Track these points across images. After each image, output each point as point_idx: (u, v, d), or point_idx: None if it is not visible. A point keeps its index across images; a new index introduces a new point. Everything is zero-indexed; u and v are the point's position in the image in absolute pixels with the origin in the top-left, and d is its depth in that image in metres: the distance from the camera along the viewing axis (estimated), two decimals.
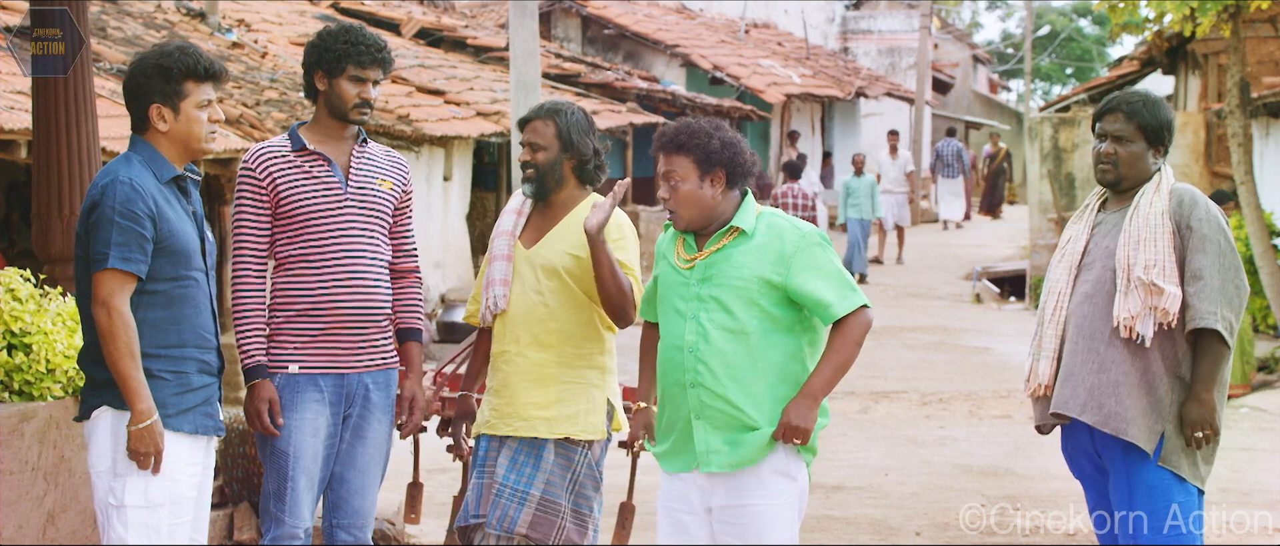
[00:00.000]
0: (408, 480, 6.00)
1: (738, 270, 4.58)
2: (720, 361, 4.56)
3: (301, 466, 4.89)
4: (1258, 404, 11.81)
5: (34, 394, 5.41)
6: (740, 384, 4.56)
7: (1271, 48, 17.41)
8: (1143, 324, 4.87)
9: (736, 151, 4.67)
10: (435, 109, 15.69)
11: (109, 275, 4.30)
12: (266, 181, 4.96)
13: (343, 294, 4.94)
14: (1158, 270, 4.85)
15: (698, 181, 4.62)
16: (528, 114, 5.29)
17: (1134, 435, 4.87)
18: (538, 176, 5.16)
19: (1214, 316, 4.81)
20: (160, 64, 4.44)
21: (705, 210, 4.65)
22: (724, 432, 4.59)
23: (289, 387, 4.91)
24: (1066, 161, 19.48)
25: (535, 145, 5.16)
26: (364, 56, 4.96)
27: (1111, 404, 4.90)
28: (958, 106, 41.84)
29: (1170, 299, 4.84)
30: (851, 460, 9.76)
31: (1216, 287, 4.83)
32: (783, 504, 4.61)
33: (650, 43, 27.05)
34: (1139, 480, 4.90)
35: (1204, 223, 4.89)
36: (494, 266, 5.18)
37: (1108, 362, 4.92)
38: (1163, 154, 5.06)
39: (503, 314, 5.15)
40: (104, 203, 4.32)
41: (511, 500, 5.05)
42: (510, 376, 5.12)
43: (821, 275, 4.56)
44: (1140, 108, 5.01)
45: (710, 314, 4.58)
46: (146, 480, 4.35)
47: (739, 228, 4.63)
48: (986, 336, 16.67)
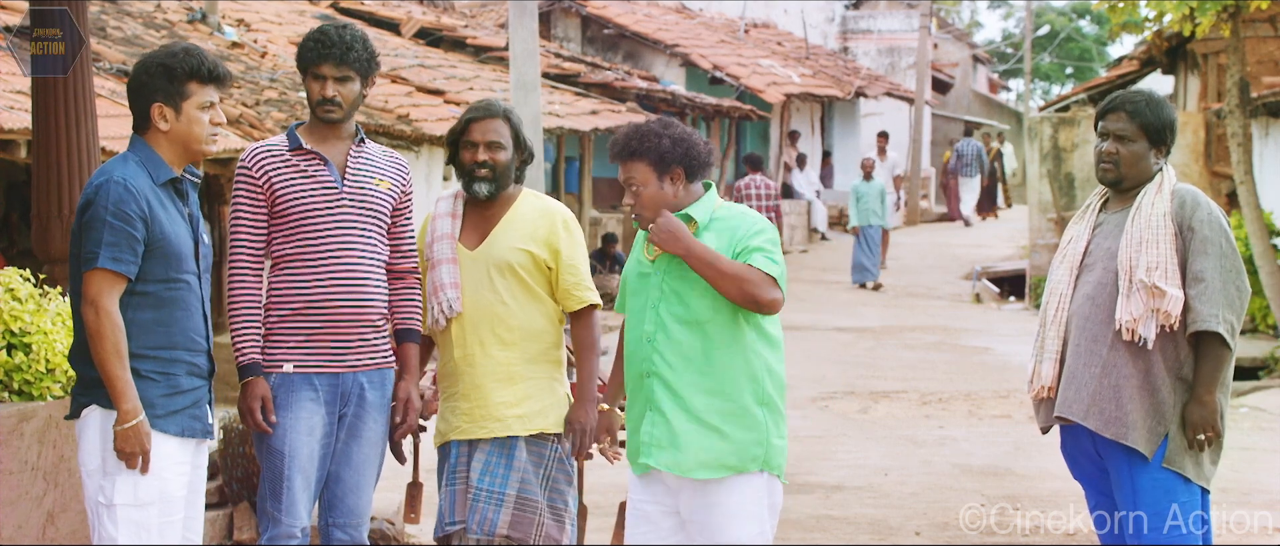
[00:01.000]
0: (407, 479, 6.00)
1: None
2: (675, 351, 4.60)
3: (297, 465, 4.88)
4: (1258, 404, 11.81)
5: (33, 394, 5.42)
6: (691, 374, 4.58)
7: (1271, 47, 17.40)
8: (1145, 326, 4.87)
9: (689, 146, 4.72)
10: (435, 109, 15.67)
11: (98, 275, 4.31)
12: (262, 180, 4.96)
13: (338, 293, 4.94)
14: (1160, 272, 4.85)
15: (657, 182, 4.69)
16: (478, 112, 5.25)
17: (1135, 440, 4.87)
18: (495, 177, 5.17)
19: (1216, 319, 4.81)
20: (165, 63, 4.46)
21: (668, 208, 4.70)
22: (671, 427, 4.59)
23: (284, 387, 4.91)
24: (1066, 161, 19.48)
25: (496, 144, 5.17)
26: (313, 54, 4.96)
27: (1113, 408, 4.90)
28: (957, 106, 41.82)
29: (1172, 301, 4.83)
30: (851, 460, 9.76)
31: (1218, 290, 4.83)
32: (750, 499, 4.59)
33: (650, 42, 27.04)
34: (1143, 481, 4.90)
35: (1206, 225, 4.89)
36: (441, 270, 5.15)
37: (1110, 365, 4.92)
38: (1165, 154, 5.06)
39: (459, 317, 5.15)
40: (97, 202, 4.33)
41: (489, 503, 5.07)
42: (478, 378, 5.12)
43: (771, 260, 4.61)
44: (1143, 106, 5.01)
45: (668, 305, 4.63)
46: (135, 478, 4.35)
47: (694, 220, 4.68)
48: (986, 336, 16.67)
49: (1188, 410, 4.85)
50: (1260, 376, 13.50)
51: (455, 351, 5.16)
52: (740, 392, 4.60)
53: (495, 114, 5.23)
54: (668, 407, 4.59)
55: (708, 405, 4.58)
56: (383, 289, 5.05)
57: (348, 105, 5.01)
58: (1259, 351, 13.96)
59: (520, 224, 5.17)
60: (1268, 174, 15.60)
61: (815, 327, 16.98)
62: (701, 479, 4.59)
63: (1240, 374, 13.54)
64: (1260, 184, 14.30)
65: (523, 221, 5.18)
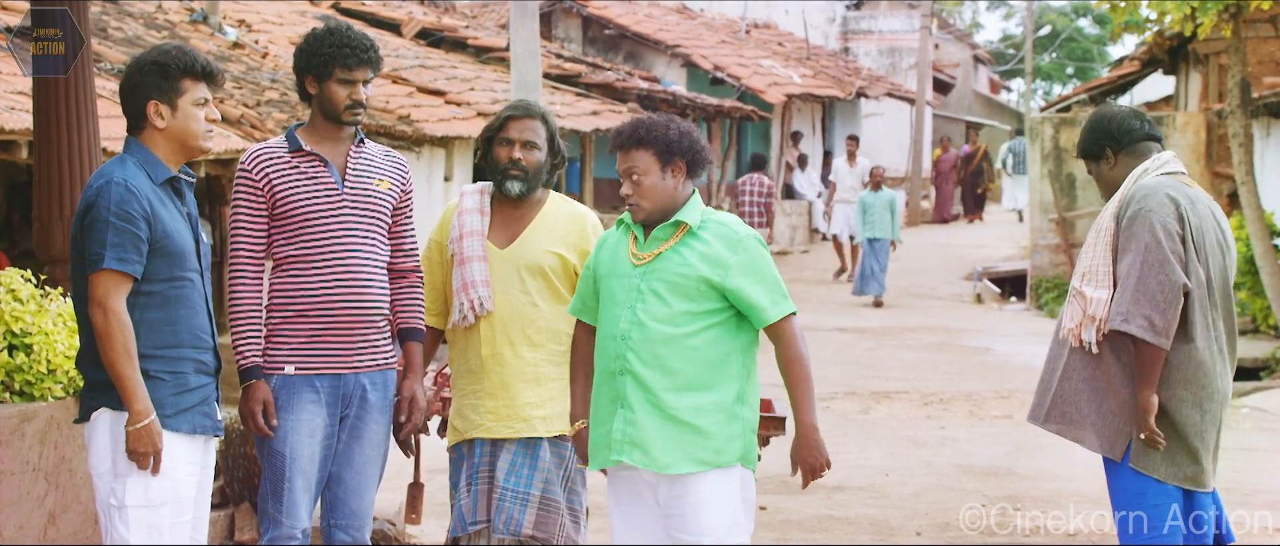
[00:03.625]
0: (408, 480, 6.00)
1: (679, 266, 4.60)
2: (650, 351, 4.58)
3: (298, 467, 4.88)
4: (1259, 404, 11.80)
5: (35, 394, 5.42)
6: (670, 373, 4.56)
7: (1272, 48, 17.40)
8: (1086, 331, 4.92)
9: (694, 141, 4.71)
10: (436, 109, 15.66)
11: (105, 276, 4.31)
12: (263, 183, 4.96)
13: (339, 294, 4.94)
14: (1090, 276, 4.92)
15: (660, 173, 4.65)
16: (516, 110, 5.28)
17: (1090, 443, 4.95)
18: (527, 177, 5.17)
19: (1123, 317, 4.82)
20: (158, 61, 4.48)
21: (666, 201, 4.66)
22: (643, 425, 4.58)
23: (285, 389, 4.91)
24: (1067, 161, 19.47)
25: (531, 143, 5.18)
26: (350, 58, 4.96)
27: (1072, 412, 4.99)
28: (959, 107, 41.83)
29: (1095, 304, 4.88)
30: (852, 460, 9.75)
31: (1132, 287, 4.84)
32: (723, 489, 4.57)
33: (651, 43, 27.05)
34: (1115, 482, 4.98)
35: (1134, 220, 4.90)
36: (470, 267, 5.16)
37: (1070, 369, 5.02)
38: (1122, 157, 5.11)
39: (488, 315, 5.15)
40: (99, 204, 4.33)
41: (515, 502, 5.07)
42: (506, 378, 5.12)
43: (758, 279, 4.59)
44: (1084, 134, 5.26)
45: (646, 305, 4.60)
46: (147, 480, 4.36)
47: (686, 224, 4.66)
48: (987, 337, 16.67)
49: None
50: (1261, 377, 13.48)
51: (484, 349, 5.16)
52: (720, 392, 4.59)
53: (533, 114, 5.26)
54: (640, 405, 4.57)
55: (683, 403, 4.55)
56: (385, 289, 5.05)
57: (367, 106, 5.05)
58: (1260, 352, 13.95)
59: (553, 227, 5.19)
60: (1269, 174, 15.60)
61: (816, 328, 16.98)
62: (676, 474, 4.57)
63: (1242, 374, 13.51)
64: (1261, 184, 14.30)
65: (555, 224, 5.21)
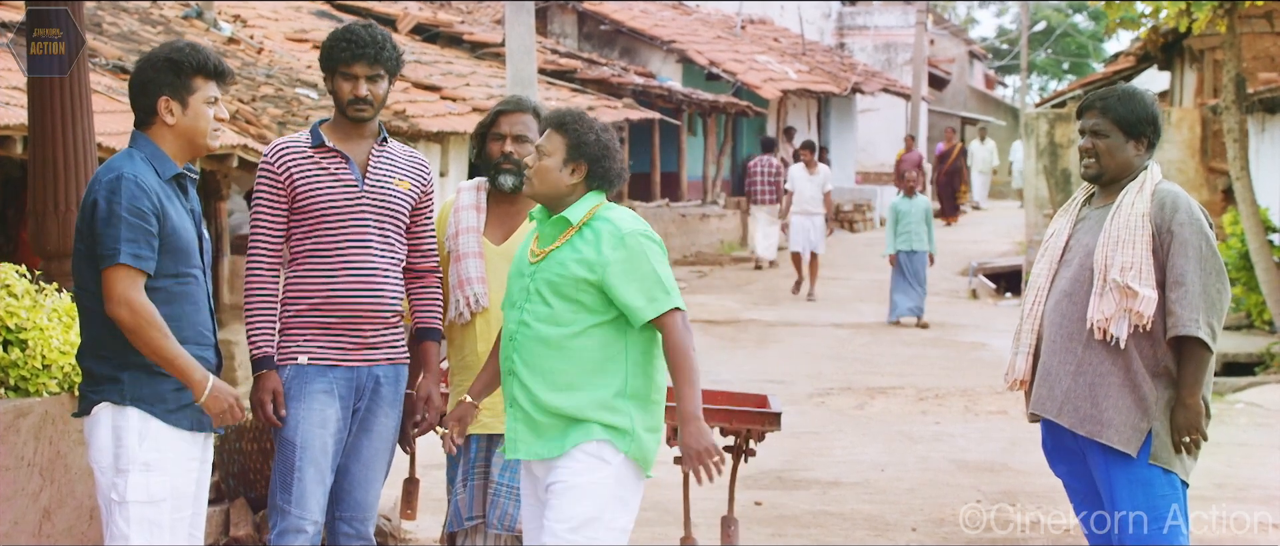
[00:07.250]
0: (404, 476, 6.00)
1: (560, 266, 4.59)
2: (533, 351, 4.58)
3: (309, 457, 4.87)
4: (1254, 399, 11.82)
5: (30, 389, 5.41)
6: (548, 374, 4.55)
7: (1267, 43, 17.42)
8: (1117, 325, 4.91)
9: (607, 154, 4.65)
10: (431, 105, 15.66)
11: (121, 271, 4.31)
12: (284, 177, 4.97)
13: (352, 291, 4.94)
14: (1134, 272, 4.88)
15: (561, 163, 4.63)
16: (508, 105, 5.29)
17: (1110, 438, 4.91)
18: (520, 171, 5.17)
19: (1196, 323, 4.84)
20: (171, 58, 4.49)
21: (553, 191, 4.63)
22: (529, 421, 4.58)
23: (298, 378, 4.91)
24: (1062, 157, 19.50)
25: (523, 138, 5.19)
26: (346, 53, 4.97)
27: (1088, 407, 4.95)
28: (954, 102, 41.87)
29: (1145, 302, 4.86)
30: (847, 456, 9.76)
31: (1198, 293, 4.85)
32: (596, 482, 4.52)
33: (646, 38, 27.05)
34: (1126, 478, 4.93)
35: (1185, 227, 4.90)
36: (468, 263, 5.17)
37: (1085, 363, 4.96)
38: (1146, 148, 5.08)
39: (484, 312, 5.15)
40: (112, 199, 4.33)
41: (509, 497, 5.07)
42: None
43: (634, 278, 4.53)
44: (1114, 102, 5.06)
45: (532, 306, 4.60)
46: (148, 475, 4.36)
47: (571, 222, 4.63)
48: (982, 332, 16.69)
49: (1174, 414, 4.90)
50: (1256, 372, 13.50)
51: (479, 346, 5.15)
52: (602, 389, 4.55)
53: (525, 109, 5.26)
54: (525, 404, 4.59)
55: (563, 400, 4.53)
56: (398, 288, 5.05)
57: (377, 104, 5.04)
58: (1255, 347, 13.96)
59: None
60: (1264, 170, 15.62)
61: (811, 323, 16.99)
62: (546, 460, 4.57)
63: (1236, 370, 13.57)
64: (1256, 180, 14.32)
65: None
